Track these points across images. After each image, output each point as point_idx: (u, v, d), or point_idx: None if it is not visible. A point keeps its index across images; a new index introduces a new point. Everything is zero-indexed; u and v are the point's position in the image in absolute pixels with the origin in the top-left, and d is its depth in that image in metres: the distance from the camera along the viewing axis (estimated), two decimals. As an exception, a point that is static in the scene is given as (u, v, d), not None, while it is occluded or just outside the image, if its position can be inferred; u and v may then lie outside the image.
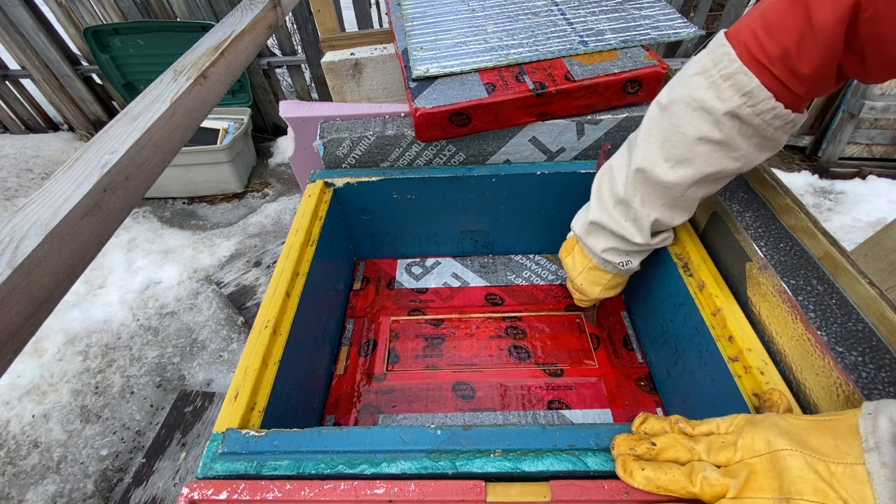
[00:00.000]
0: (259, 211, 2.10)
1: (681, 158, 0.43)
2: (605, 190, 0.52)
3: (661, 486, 0.31)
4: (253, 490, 0.35)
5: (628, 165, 0.48)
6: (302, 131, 0.71)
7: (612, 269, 0.55)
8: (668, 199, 0.47)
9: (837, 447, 0.28)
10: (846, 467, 0.27)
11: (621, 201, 0.49)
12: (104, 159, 0.43)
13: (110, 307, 1.65)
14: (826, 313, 0.39)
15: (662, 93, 0.45)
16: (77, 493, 1.20)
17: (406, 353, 0.67)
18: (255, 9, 0.76)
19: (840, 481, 0.26)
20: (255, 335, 0.47)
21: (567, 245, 0.60)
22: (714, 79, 0.39)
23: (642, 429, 0.36)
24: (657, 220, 0.48)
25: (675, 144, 0.43)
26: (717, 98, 0.39)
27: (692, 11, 2.16)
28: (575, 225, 0.57)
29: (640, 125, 0.47)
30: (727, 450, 0.31)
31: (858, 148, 2.01)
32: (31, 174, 2.25)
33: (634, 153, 0.47)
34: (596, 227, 0.53)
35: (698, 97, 0.40)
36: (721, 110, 0.39)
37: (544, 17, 0.71)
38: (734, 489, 0.29)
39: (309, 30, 2.12)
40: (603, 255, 0.53)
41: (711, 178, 0.44)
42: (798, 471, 0.28)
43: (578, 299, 0.63)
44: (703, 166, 0.42)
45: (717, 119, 0.40)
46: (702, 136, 0.41)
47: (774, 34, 0.35)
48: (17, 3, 2.01)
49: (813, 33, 0.33)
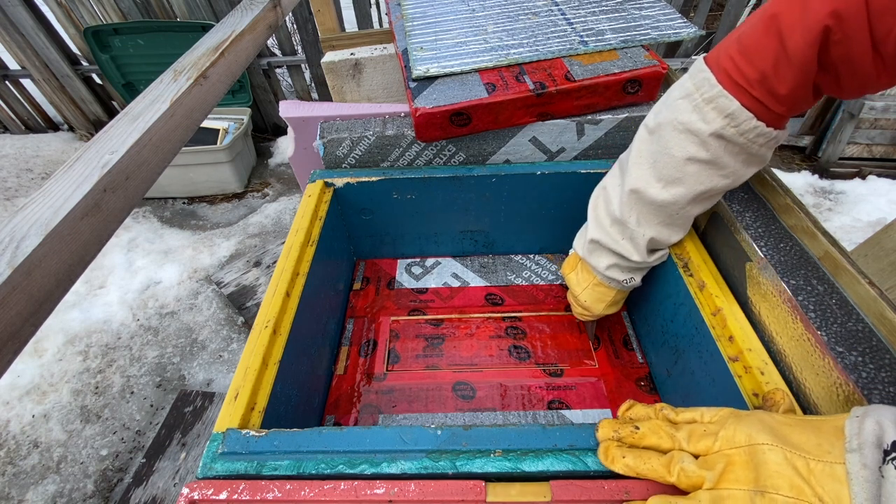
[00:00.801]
0: (259, 211, 2.10)
1: (672, 178, 0.45)
2: (601, 210, 0.53)
3: (640, 474, 0.32)
4: (253, 490, 0.35)
5: (622, 186, 0.49)
6: (302, 131, 0.71)
7: (617, 286, 0.56)
8: (664, 217, 0.48)
9: (819, 445, 0.28)
10: (825, 465, 0.27)
11: (617, 221, 0.50)
12: (104, 159, 0.43)
13: (110, 307, 1.65)
14: (826, 313, 0.39)
15: (649, 116, 0.47)
16: (77, 493, 1.20)
17: (406, 353, 0.67)
18: (255, 9, 0.76)
19: (818, 478, 0.27)
20: (255, 335, 0.47)
21: (570, 261, 0.61)
22: (697, 102, 0.41)
23: (627, 414, 0.37)
24: (653, 239, 0.50)
25: (665, 165, 0.44)
26: (701, 120, 0.41)
27: (692, 11, 2.16)
28: (576, 244, 0.59)
29: (630, 146, 0.49)
30: (707, 438, 0.32)
31: (858, 148, 2.01)
32: (31, 174, 2.25)
33: (627, 175, 0.48)
34: (597, 246, 0.54)
35: (684, 120, 0.42)
36: (706, 132, 0.41)
37: (544, 17, 0.71)
38: (710, 481, 0.30)
39: (309, 30, 2.12)
40: (607, 272, 0.54)
41: (704, 195, 0.45)
42: (776, 465, 0.28)
43: (580, 314, 0.63)
44: (695, 185, 0.44)
45: (703, 140, 0.41)
46: (690, 157, 0.43)
47: (751, 59, 0.37)
48: (17, 3, 2.02)
49: (787, 58, 0.35)
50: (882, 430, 0.26)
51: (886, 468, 0.25)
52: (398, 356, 0.66)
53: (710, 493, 0.29)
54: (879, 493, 0.24)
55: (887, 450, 0.25)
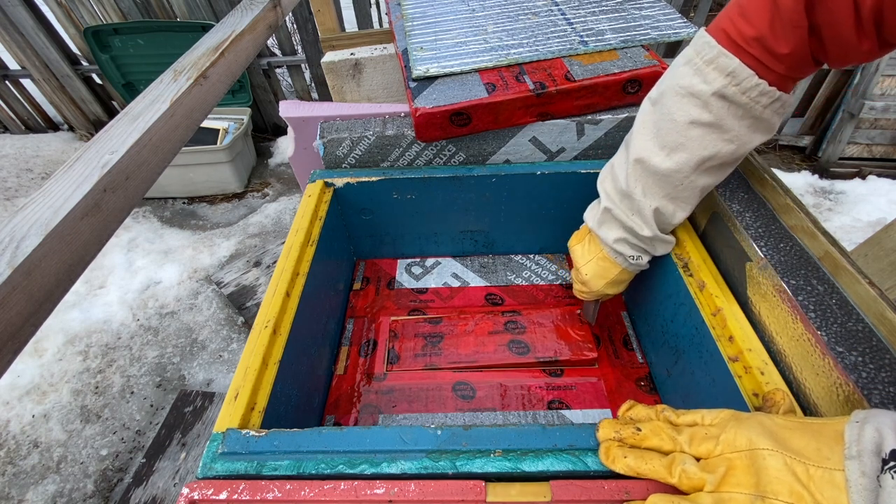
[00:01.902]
0: (259, 211, 2.10)
1: (675, 144, 0.44)
2: (608, 185, 0.53)
3: (642, 475, 0.33)
4: (253, 490, 0.35)
5: (627, 159, 0.49)
6: (302, 131, 0.71)
7: (623, 263, 0.54)
8: (668, 188, 0.47)
9: (819, 451, 0.28)
10: (825, 471, 0.27)
11: (625, 194, 0.50)
12: (104, 159, 0.43)
13: (110, 307, 1.65)
14: (826, 313, 0.39)
15: (653, 90, 0.47)
16: (77, 493, 1.20)
17: (406, 353, 0.67)
18: (255, 9, 0.76)
19: (817, 485, 0.26)
20: (255, 335, 0.47)
21: (579, 234, 0.60)
22: (698, 65, 0.41)
23: (628, 415, 0.37)
24: (658, 211, 0.49)
25: (668, 132, 0.44)
26: (703, 82, 0.41)
27: (692, 11, 2.16)
28: (587, 216, 0.57)
29: (634, 122, 0.49)
30: (709, 442, 0.32)
31: (858, 148, 2.01)
32: (31, 174, 2.25)
33: (631, 145, 0.48)
34: (608, 217, 0.53)
35: (685, 84, 0.42)
36: (708, 92, 0.41)
37: (544, 17, 0.71)
38: (711, 484, 0.30)
39: (309, 30, 2.12)
40: (615, 245, 0.53)
41: (708, 162, 0.44)
42: (776, 471, 0.28)
43: (578, 290, 0.62)
44: (698, 150, 0.44)
45: (705, 101, 0.42)
46: (693, 120, 0.43)
47: (749, 18, 0.38)
48: (17, 3, 2.01)
49: (780, 16, 0.36)
50: (881, 438, 0.26)
51: (884, 477, 0.25)
52: (398, 356, 0.66)
53: (712, 495, 0.29)
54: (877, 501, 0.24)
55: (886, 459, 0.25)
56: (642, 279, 0.62)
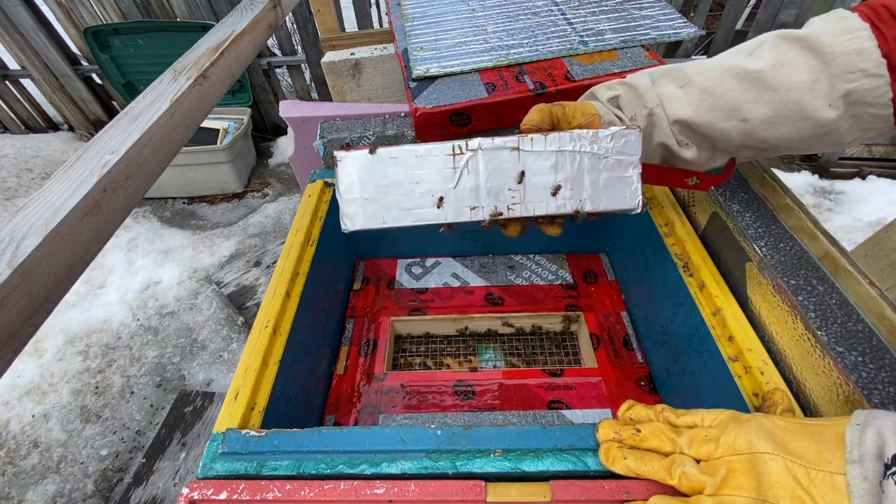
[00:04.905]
0: (259, 211, 2.10)
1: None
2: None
3: (641, 476, 0.32)
4: (253, 490, 0.35)
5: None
6: (302, 131, 0.71)
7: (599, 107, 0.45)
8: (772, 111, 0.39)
9: (820, 454, 0.27)
10: (826, 475, 0.26)
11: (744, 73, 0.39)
12: (104, 159, 0.43)
13: (110, 307, 1.65)
14: (826, 313, 0.39)
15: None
16: (77, 493, 1.20)
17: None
18: (255, 9, 0.76)
19: (818, 489, 0.26)
20: (255, 335, 0.47)
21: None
22: None
23: (628, 415, 0.37)
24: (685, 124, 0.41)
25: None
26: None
27: (692, 11, 2.16)
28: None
29: None
30: (709, 444, 0.31)
31: (858, 148, 2.01)
32: (31, 174, 2.25)
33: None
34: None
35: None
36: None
37: (544, 17, 0.71)
38: (711, 487, 0.29)
39: (309, 30, 2.12)
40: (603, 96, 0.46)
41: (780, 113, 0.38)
42: (777, 476, 0.28)
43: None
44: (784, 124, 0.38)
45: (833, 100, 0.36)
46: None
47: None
48: (17, 3, 2.01)
49: None
50: (883, 441, 0.26)
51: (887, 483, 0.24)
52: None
53: (713, 498, 0.29)
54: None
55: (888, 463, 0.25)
56: (642, 279, 0.62)
